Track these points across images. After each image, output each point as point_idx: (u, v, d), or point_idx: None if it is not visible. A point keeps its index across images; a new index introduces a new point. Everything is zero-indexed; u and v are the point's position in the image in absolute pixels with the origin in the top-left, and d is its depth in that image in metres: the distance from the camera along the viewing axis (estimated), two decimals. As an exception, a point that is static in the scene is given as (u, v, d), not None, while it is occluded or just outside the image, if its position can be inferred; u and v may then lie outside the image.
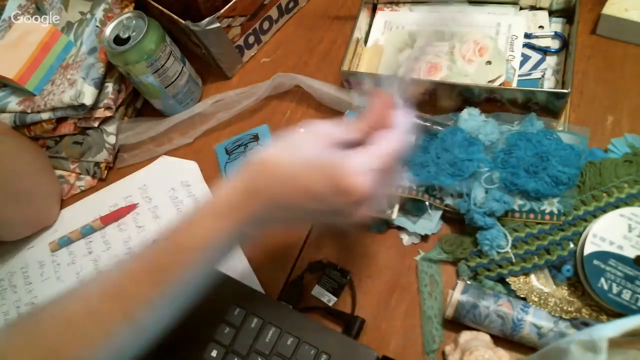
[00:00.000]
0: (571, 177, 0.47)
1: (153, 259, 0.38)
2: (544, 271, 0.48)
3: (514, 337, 0.45)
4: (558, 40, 0.58)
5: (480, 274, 0.48)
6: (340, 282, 0.53)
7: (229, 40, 0.65)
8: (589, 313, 0.45)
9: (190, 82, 0.66)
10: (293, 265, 0.55)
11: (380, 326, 0.50)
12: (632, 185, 0.47)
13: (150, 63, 0.59)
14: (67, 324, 0.37)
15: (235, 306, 0.51)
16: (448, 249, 0.51)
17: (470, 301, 0.46)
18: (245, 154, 0.62)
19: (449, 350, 0.46)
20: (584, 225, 0.47)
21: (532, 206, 0.48)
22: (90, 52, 0.62)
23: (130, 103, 0.69)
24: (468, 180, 0.49)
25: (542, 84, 0.56)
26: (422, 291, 0.50)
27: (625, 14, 0.55)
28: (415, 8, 0.66)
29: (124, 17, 0.60)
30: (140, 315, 0.37)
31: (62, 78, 0.63)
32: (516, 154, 0.49)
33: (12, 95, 0.65)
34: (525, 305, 0.45)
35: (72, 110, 0.61)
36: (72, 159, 0.66)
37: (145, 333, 0.39)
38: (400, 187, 0.51)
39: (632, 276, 0.43)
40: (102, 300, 0.37)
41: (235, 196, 0.37)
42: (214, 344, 0.50)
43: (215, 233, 0.37)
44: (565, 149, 0.48)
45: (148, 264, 0.38)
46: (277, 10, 0.70)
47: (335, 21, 0.71)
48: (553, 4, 0.59)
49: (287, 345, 0.48)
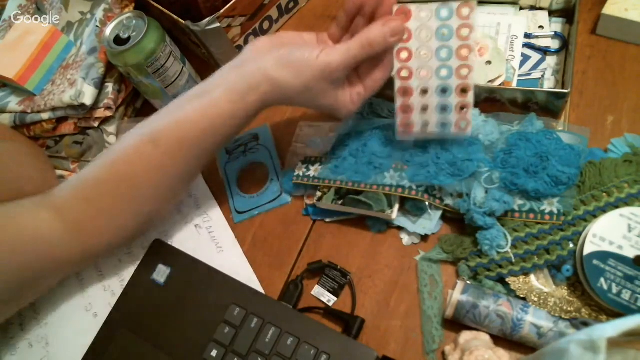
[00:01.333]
0: (571, 177, 0.47)
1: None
2: (543, 271, 0.48)
3: (514, 337, 0.45)
4: (558, 40, 0.58)
5: (480, 274, 0.48)
6: (340, 282, 0.53)
7: (229, 40, 0.65)
8: (589, 313, 0.45)
9: (191, 82, 0.66)
10: (293, 265, 0.55)
11: (380, 326, 0.50)
12: (632, 185, 0.47)
13: (151, 63, 0.59)
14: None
15: (235, 306, 0.51)
16: (448, 249, 0.51)
17: (470, 301, 0.46)
18: (246, 155, 0.63)
19: (449, 350, 0.46)
20: (584, 225, 0.47)
21: (532, 206, 0.48)
22: (90, 52, 0.62)
23: (130, 103, 0.69)
24: (468, 180, 0.50)
25: (542, 84, 0.56)
26: (422, 291, 0.50)
27: (625, 14, 0.55)
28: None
29: (124, 17, 0.60)
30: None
31: (62, 78, 0.63)
32: (516, 154, 0.49)
33: (12, 95, 0.65)
34: (525, 305, 0.45)
35: (72, 110, 0.61)
36: (72, 159, 0.66)
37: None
38: (400, 187, 0.51)
39: (631, 276, 0.43)
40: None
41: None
42: (214, 344, 0.50)
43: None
44: (565, 149, 0.48)
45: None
46: (277, 10, 0.70)
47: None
48: (553, 4, 0.59)
49: (287, 345, 0.48)
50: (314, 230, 0.57)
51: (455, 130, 0.48)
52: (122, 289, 0.56)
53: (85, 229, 0.50)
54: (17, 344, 0.56)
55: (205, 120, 0.48)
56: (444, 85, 0.47)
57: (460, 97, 0.47)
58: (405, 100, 0.48)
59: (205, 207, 0.60)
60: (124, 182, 0.50)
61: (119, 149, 0.50)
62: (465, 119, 0.48)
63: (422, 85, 0.47)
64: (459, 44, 0.45)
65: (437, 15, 0.45)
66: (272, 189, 0.60)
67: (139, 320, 0.54)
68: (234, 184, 0.61)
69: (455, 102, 0.47)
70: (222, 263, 0.55)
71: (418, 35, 0.46)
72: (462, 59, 0.46)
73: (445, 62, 0.46)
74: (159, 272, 0.55)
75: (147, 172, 0.50)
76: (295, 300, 0.52)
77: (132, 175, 0.50)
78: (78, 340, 0.54)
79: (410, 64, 0.47)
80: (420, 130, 0.49)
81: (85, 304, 0.57)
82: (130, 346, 0.52)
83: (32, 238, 0.48)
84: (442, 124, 0.48)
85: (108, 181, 0.50)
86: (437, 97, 0.48)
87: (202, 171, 0.55)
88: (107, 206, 0.50)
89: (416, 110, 0.48)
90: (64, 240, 0.50)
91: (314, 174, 0.56)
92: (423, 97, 0.48)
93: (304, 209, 0.58)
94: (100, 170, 0.50)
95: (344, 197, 0.53)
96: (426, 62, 0.46)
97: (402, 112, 0.49)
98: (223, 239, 0.58)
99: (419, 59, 0.47)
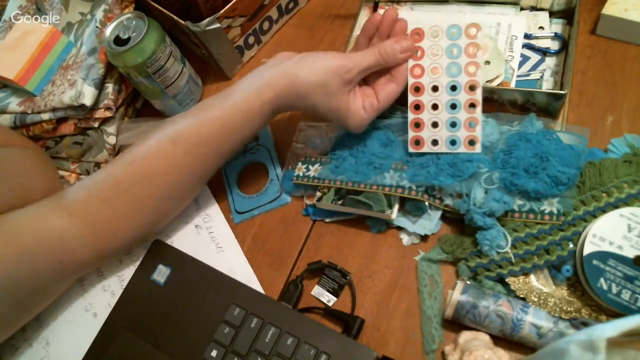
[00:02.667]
0: (571, 177, 0.47)
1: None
2: (543, 271, 0.48)
3: (514, 337, 0.45)
4: (558, 41, 0.58)
5: (480, 274, 0.48)
6: (340, 282, 0.53)
7: (229, 41, 0.66)
8: (589, 313, 0.45)
9: (191, 82, 0.66)
10: (293, 265, 0.56)
11: (380, 326, 0.50)
12: (631, 185, 0.47)
13: (150, 64, 0.59)
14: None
15: (235, 306, 0.51)
16: (448, 249, 0.51)
17: (470, 301, 0.46)
18: (246, 155, 0.63)
19: (448, 351, 0.46)
20: (584, 225, 0.47)
21: (531, 206, 0.48)
22: (90, 53, 0.62)
23: (130, 103, 0.69)
24: (468, 181, 0.50)
25: (540, 84, 0.56)
26: (421, 291, 0.50)
27: (625, 14, 0.55)
28: (416, 7, 0.66)
29: (124, 17, 0.60)
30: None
31: (62, 79, 0.63)
32: (516, 154, 0.49)
33: (13, 96, 0.65)
34: (524, 306, 0.45)
35: (72, 110, 0.61)
36: (72, 159, 0.66)
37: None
38: (400, 187, 0.51)
39: (631, 276, 0.43)
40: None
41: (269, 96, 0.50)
42: (214, 344, 0.50)
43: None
44: (565, 149, 0.49)
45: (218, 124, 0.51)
46: (277, 11, 0.70)
47: (335, 22, 0.71)
48: (554, 5, 0.59)
49: (287, 345, 0.48)
50: (314, 231, 0.57)
51: (465, 148, 0.50)
52: (122, 289, 0.56)
53: (101, 231, 0.51)
54: (17, 344, 0.56)
55: (223, 120, 0.50)
56: (453, 101, 0.50)
57: (468, 112, 0.50)
58: (416, 115, 0.51)
59: (205, 207, 0.60)
60: (142, 181, 0.50)
61: (138, 149, 0.51)
62: (474, 136, 0.50)
63: (433, 101, 0.50)
64: (467, 61, 0.50)
65: (447, 35, 0.50)
66: (272, 189, 0.60)
67: (139, 320, 0.54)
68: (234, 184, 0.62)
69: (464, 118, 0.50)
70: (222, 263, 0.55)
71: (430, 53, 0.50)
72: (470, 75, 0.49)
73: (455, 78, 0.50)
74: (159, 272, 0.55)
75: (166, 170, 0.51)
76: (295, 300, 0.52)
77: (151, 173, 0.50)
78: (78, 340, 0.55)
79: (422, 80, 0.50)
80: (430, 148, 0.51)
81: (85, 304, 0.57)
82: (130, 346, 0.53)
83: (47, 244, 0.49)
84: (451, 141, 0.50)
85: (126, 180, 0.50)
86: (447, 112, 0.50)
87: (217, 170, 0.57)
88: (124, 205, 0.51)
89: (427, 126, 0.51)
90: (79, 244, 0.50)
91: (313, 174, 0.56)
92: (434, 112, 0.51)
93: (304, 209, 0.58)
94: (117, 170, 0.51)
95: (343, 197, 0.53)
96: (437, 78, 0.50)
97: (414, 128, 0.51)
98: (223, 239, 0.58)
99: (430, 76, 0.50)
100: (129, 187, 0.50)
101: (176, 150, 0.50)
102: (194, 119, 0.51)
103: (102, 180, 0.51)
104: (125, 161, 0.51)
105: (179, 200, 0.55)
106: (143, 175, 0.50)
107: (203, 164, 0.52)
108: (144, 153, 0.51)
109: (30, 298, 0.51)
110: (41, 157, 0.61)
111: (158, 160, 0.50)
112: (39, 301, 0.53)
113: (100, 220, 0.51)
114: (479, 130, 0.50)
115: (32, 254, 0.48)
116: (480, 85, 0.49)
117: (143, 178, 0.50)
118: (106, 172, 0.52)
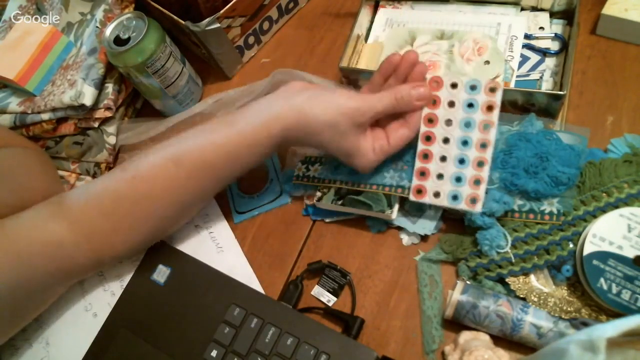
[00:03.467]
0: (571, 177, 0.47)
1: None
2: (543, 271, 0.48)
3: (514, 337, 0.45)
4: (558, 42, 0.58)
5: (480, 274, 0.48)
6: (340, 282, 0.53)
7: (229, 41, 0.66)
8: (589, 313, 0.45)
9: (191, 82, 0.66)
10: (293, 265, 0.56)
11: (380, 326, 0.50)
12: (631, 185, 0.47)
13: (151, 64, 0.59)
14: None
15: (235, 306, 0.51)
16: (448, 249, 0.51)
17: (470, 301, 0.46)
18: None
19: (448, 351, 0.46)
20: (584, 225, 0.47)
21: (531, 206, 0.48)
22: (90, 53, 0.62)
23: (130, 103, 0.69)
24: (468, 181, 0.50)
25: (540, 85, 0.56)
26: (421, 291, 0.50)
27: (625, 14, 0.55)
28: (417, 6, 0.66)
29: (124, 17, 0.60)
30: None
31: (62, 79, 0.63)
32: (516, 154, 0.49)
33: (13, 96, 0.65)
34: (524, 306, 0.45)
35: (72, 110, 0.61)
36: (72, 159, 0.66)
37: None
38: (400, 187, 0.51)
39: (631, 276, 0.43)
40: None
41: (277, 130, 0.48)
42: (214, 344, 0.50)
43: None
44: (565, 149, 0.48)
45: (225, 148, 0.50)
46: (277, 11, 0.70)
47: (336, 21, 0.71)
48: (555, 5, 0.59)
49: (287, 345, 0.48)
50: (314, 231, 0.57)
51: (465, 206, 0.48)
52: (122, 290, 0.56)
53: (99, 243, 0.51)
54: (17, 344, 0.56)
55: (229, 147, 0.49)
56: (462, 156, 0.48)
57: (476, 169, 0.48)
58: (423, 164, 0.50)
59: (205, 207, 0.60)
60: (143, 200, 0.50)
61: (139, 165, 0.51)
62: (476, 194, 0.48)
63: (442, 152, 0.49)
64: (482, 118, 0.48)
65: (466, 88, 0.48)
66: (272, 189, 0.60)
67: (139, 321, 0.54)
68: (234, 184, 0.62)
69: (470, 174, 0.48)
70: (222, 263, 0.55)
71: (446, 104, 0.49)
72: (483, 133, 0.48)
73: (468, 133, 0.48)
74: (159, 272, 0.55)
75: (167, 191, 0.50)
76: (295, 300, 0.52)
77: (152, 194, 0.50)
78: (78, 340, 0.54)
79: (435, 130, 0.49)
80: (431, 200, 0.50)
81: (85, 304, 0.57)
82: (130, 346, 0.52)
83: (46, 250, 0.49)
84: (453, 196, 0.49)
85: (127, 197, 0.50)
86: (454, 166, 0.49)
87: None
88: (123, 223, 0.51)
89: (432, 176, 0.50)
90: (76, 252, 0.50)
91: (313, 174, 0.56)
92: (441, 164, 0.49)
93: (304, 209, 0.58)
94: (119, 184, 0.51)
95: (343, 197, 0.53)
96: (450, 130, 0.49)
97: (419, 176, 0.50)
98: (223, 239, 0.58)
99: (443, 127, 0.49)
100: (130, 205, 0.50)
101: (179, 173, 0.50)
102: (198, 142, 0.50)
103: (102, 191, 0.51)
104: (127, 175, 0.51)
105: (178, 219, 0.55)
106: (144, 195, 0.50)
107: (204, 188, 0.52)
108: (146, 172, 0.50)
109: (28, 303, 0.51)
110: (41, 158, 0.61)
111: (160, 181, 0.50)
112: (36, 306, 0.53)
113: (98, 233, 0.51)
114: (482, 189, 0.48)
115: (30, 259, 0.48)
116: (491, 145, 0.47)
117: (144, 198, 0.50)
118: (106, 183, 0.52)
